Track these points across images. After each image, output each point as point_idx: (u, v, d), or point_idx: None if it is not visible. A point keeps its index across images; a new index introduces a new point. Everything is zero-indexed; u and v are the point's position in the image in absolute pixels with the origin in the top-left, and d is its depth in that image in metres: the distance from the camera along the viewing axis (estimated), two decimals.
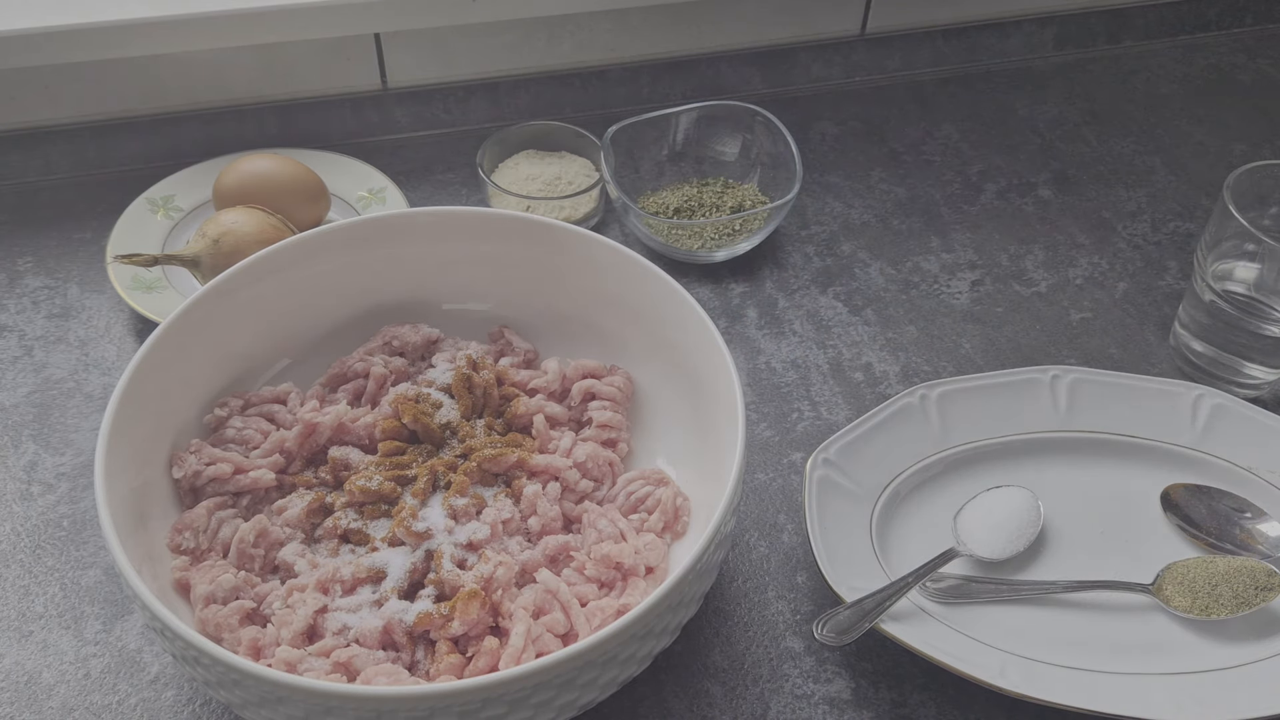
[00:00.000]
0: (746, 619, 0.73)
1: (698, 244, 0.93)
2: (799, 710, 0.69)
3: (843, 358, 0.88)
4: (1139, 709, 0.65)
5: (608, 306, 0.78)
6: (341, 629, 0.64)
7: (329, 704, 0.55)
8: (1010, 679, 0.66)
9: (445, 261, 0.80)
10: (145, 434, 0.68)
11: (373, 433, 0.74)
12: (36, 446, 0.81)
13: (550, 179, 0.96)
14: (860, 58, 1.14)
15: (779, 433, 0.83)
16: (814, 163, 1.05)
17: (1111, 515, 0.77)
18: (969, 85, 1.15)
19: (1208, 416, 0.79)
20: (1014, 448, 0.79)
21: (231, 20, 0.94)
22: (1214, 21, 1.22)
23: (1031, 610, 0.72)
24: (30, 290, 0.91)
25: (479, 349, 0.79)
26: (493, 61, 1.05)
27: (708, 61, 1.10)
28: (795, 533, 0.77)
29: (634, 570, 0.67)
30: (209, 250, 0.84)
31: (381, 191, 0.97)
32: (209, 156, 0.99)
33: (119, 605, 0.72)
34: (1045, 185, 1.04)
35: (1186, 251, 0.98)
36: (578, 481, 0.72)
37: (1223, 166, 1.05)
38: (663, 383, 0.77)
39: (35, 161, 0.99)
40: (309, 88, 1.03)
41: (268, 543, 0.69)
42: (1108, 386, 0.81)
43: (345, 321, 0.80)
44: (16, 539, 0.76)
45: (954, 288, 0.94)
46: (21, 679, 0.69)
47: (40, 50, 0.92)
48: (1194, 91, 1.15)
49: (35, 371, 0.85)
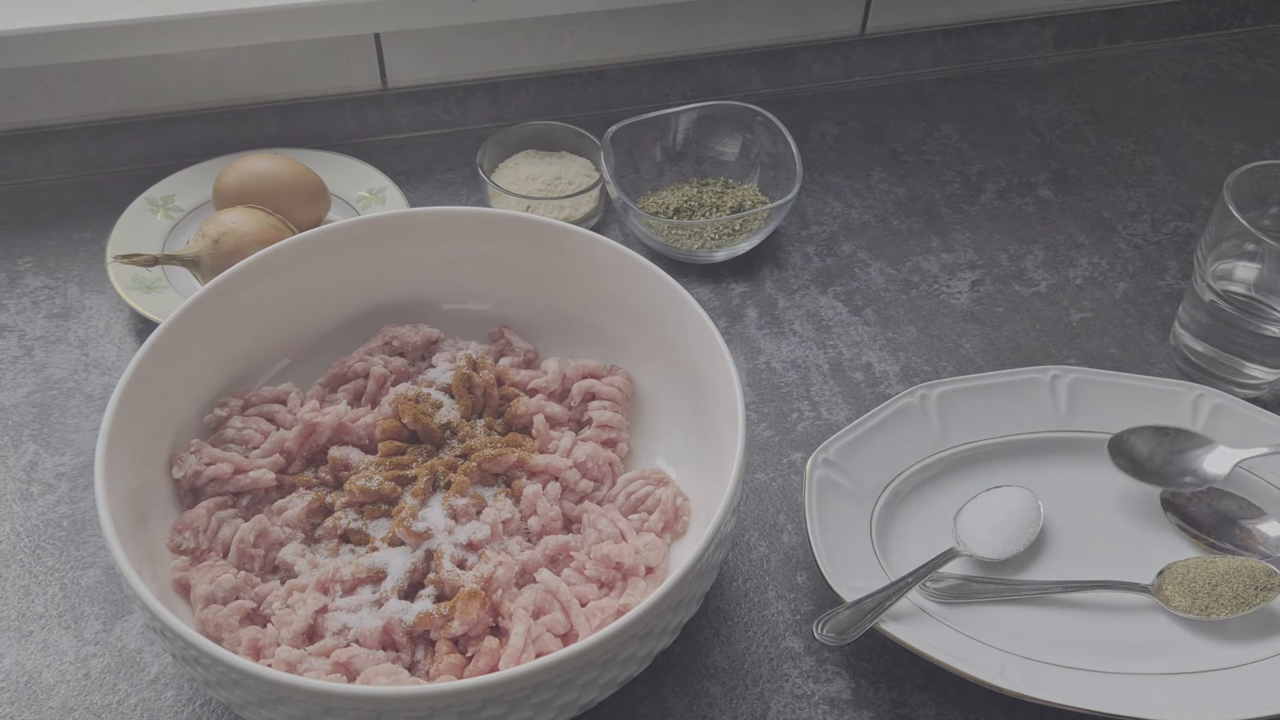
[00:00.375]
0: (746, 619, 0.73)
1: (698, 244, 0.93)
2: (799, 710, 0.69)
3: (843, 358, 0.88)
4: (1139, 709, 0.65)
5: (608, 306, 0.78)
6: (341, 629, 0.64)
7: (329, 704, 0.55)
8: (1010, 679, 0.66)
9: (445, 261, 0.80)
10: (145, 434, 0.68)
11: (373, 433, 0.74)
12: (36, 446, 0.81)
13: (550, 179, 0.96)
14: (860, 58, 1.14)
15: (779, 433, 0.83)
16: (814, 163, 1.05)
17: (1111, 515, 0.77)
18: (969, 85, 1.15)
19: (1208, 416, 0.79)
20: (1014, 448, 0.79)
21: (231, 20, 0.94)
22: (1214, 21, 1.22)
23: (1031, 610, 0.72)
24: (30, 290, 0.91)
25: (479, 349, 0.79)
26: (493, 61, 1.05)
27: (708, 61, 1.10)
28: (795, 533, 0.77)
29: (634, 570, 0.67)
30: (209, 250, 0.84)
31: (381, 191, 0.97)
32: (209, 156, 0.99)
33: (119, 605, 0.72)
34: (1045, 185, 1.04)
35: (1186, 251, 0.98)
36: (578, 481, 0.72)
37: (1223, 166, 1.05)
38: (663, 383, 0.77)
39: (35, 161, 0.99)
40: (309, 88, 1.03)
41: (268, 543, 0.69)
42: (1108, 386, 0.81)
43: (345, 321, 0.80)
44: (16, 539, 0.76)
45: (954, 288, 0.94)
46: (21, 679, 0.69)
47: (40, 50, 0.92)
48: (1194, 91, 1.15)
49: (35, 371, 0.85)
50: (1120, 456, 0.77)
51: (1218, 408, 0.80)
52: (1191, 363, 0.87)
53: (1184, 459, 0.77)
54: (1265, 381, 0.84)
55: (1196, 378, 0.86)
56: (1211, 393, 0.80)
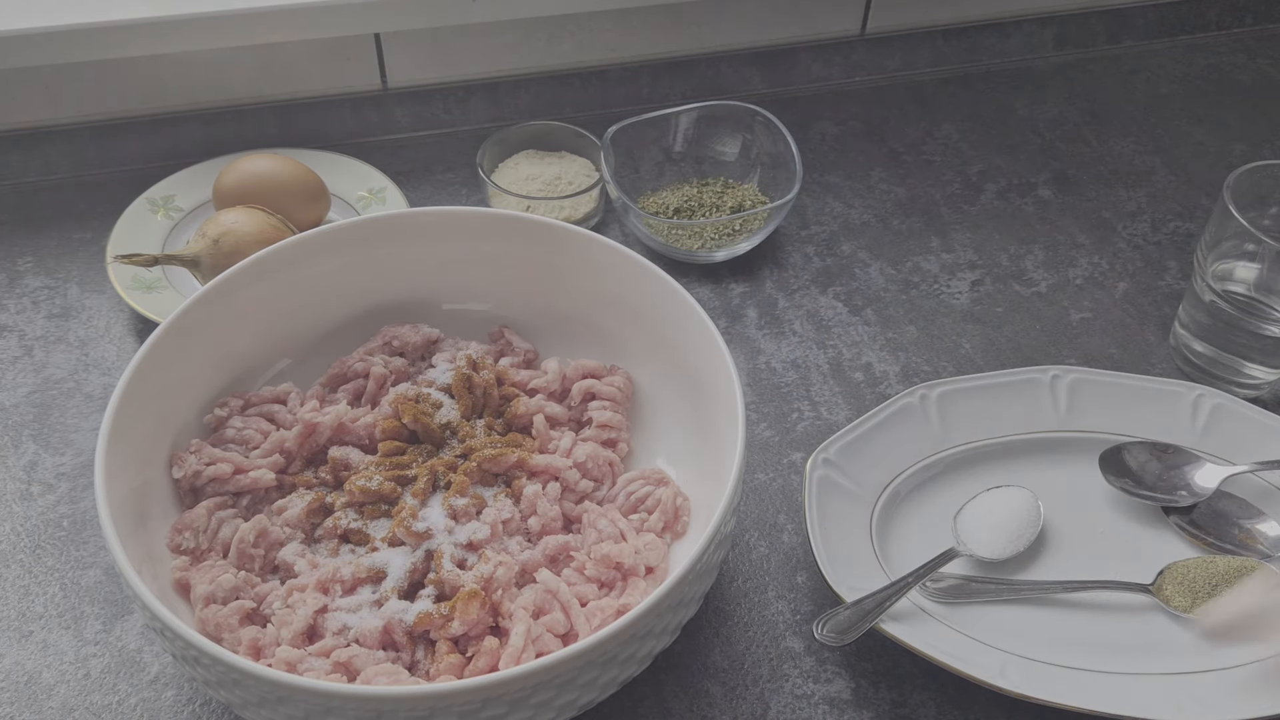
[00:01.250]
0: (746, 619, 0.73)
1: (698, 244, 0.93)
2: (799, 710, 0.69)
3: (843, 358, 0.88)
4: (1139, 709, 0.65)
5: (608, 306, 0.78)
6: (341, 629, 0.64)
7: (329, 704, 0.55)
8: (1010, 679, 0.66)
9: (445, 261, 0.80)
10: (145, 434, 0.68)
11: (373, 433, 0.74)
12: (36, 446, 0.81)
13: (550, 179, 0.96)
14: (860, 58, 1.14)
15: (779, 433, 0.83)
16: (814, 163, 1.05)
17: (1111, 515, 0.77)
18: (969, 85, 1.15)
19: (1208, 416, 0.79)
20: (1014, 448, 0.79)
21: (231, 20, 0.94)
22: (1214, 21, 1.22)
23: (1031, 610, 0.72)
24: (30, 290, 0.91)
25: (479, 349, 0.79)
26: (493, 61, 1.05)
27: (708, 61, 1.10)
28: (795, 533, 0.77)
29: (634, 570, 0.67)
30: (209, 250, 0.84)
31: (381, 191, 0.97)
32: (209, 156, 0.99)
33: (119, 605, 0.72)
34: (1045, 185, 1.04)
35: (1186, 251, 0.98)
36: (578, 481, 0.72)
37: (1223, 166, 1.05)
38: (663, 383, 0.77)
39: (35, 161, 0.99)
40: (309, 88, 1.03)
41: (268, 543, 0.69)
42: (1108, 386, 0.81)
43: (345, 321, 0.80)
44: (16, 539, 0.76)
45: (954, 288, 0.94)
46: (21, 679, 0.69)
47: (40, 50, 0.92)
48: (1194, 91, 1.15)
49: (35, 371, 0.85)
50: (1113, 473, 0.77)
51: (1218, 408, 0.80)
52: (1191, 363, 0.87)
53: (1176, 475, 0.77)
54: (1265, 381, 0.84)
55: (1196, 378, 0.86)
56: (1211, 393, 0.80)
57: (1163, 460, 0.77)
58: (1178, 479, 0.77)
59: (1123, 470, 0.77)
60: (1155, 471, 0.77)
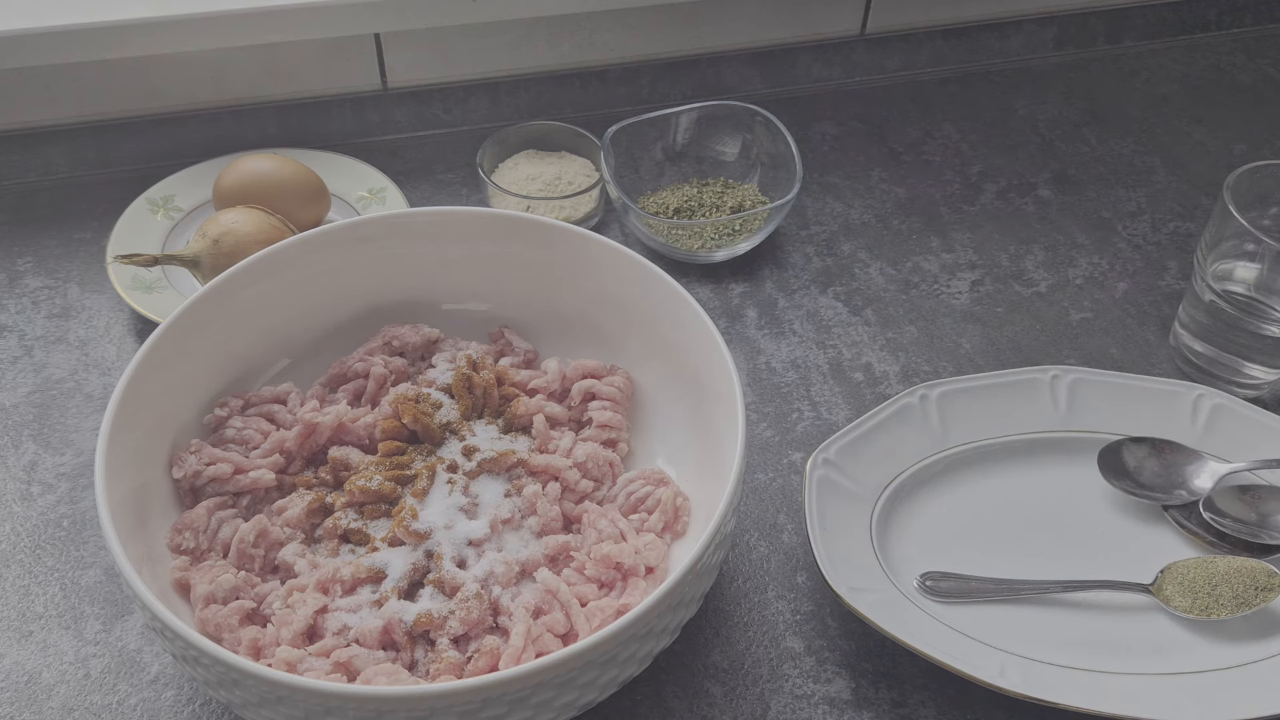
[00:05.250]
0: (746, 619, 0.73)
1: (698, 244, 0.93)
2: (799, 710, 0.69)
3: (843, 358, 0.88)
4: (1139, 709, 0.65)
5: (608, 306, 0.78)
6: (341, 629, 0.64)
7: (329, 704, 0.55)
8: (1010, 679, 0.66)
9: (445, 261, 0.80)
10: (145, 434, 0.68)
11: (373, 433, 0.74)
12: (36, 446, 0.81)
13: (550, 179, 0.96)
14: (860, 58, 1.14)
15: (779, 433, 0.83)
16: (814, 163, 1.05)
17: (1111, 515, 0.77)
18: (969, 85, 1.15)
19: (1208, 416, 0.79)
20: (1014, 448, 0.79)
21: (231, 20, 0.94)
22: (1214, 21, 1.22)
23: (1031, 610, 0.72)
24: (30, 290, 0.91)
25: (479, 349, 0.79)
26: (493, 61, 1.05)
27: (708, 61, 1.10)
28: (795, 533, 0.77)
29: (634, 570, 0.67)
30: (209, 250, 0.84)
31: (381, 191, 0.97)
32: (209, 156, 0.99)
33: (119, 605, 0.72)
34: (1045, 185, 1.04)
35: (1186, 251, 0.98)
36: (578, 481, 0.72)
37: (1223, 166, 1.05)
38: (663, 383, 0.77)
39: (35, 161, 0.99)
40: (309, 88, 1.03)
41: (268, 543, 0.69)
42: (1108, 386, 0.81)
43: (345, 321, 0.80)
44: (16, 539, 0.76)
45: (954, 288, 0.94)
46: (21, 679, 0.69)
47: (40, 50, 0.92)
48: (1194, 91, 1.15)
49: (35, 371, 0.85)
50: (1112, 473, 0.77)
51: (1218, 408, 0.80)
52: (1191, 363, 0.87)
53: (1175, 473, 0.77)
54: (1265, 381, 0.84)
55: (1196, 378, 0.86)
56: (1211, 393, 0.80)
57: (1161, 458, 0.77)
58: (1177, 477, 0.77)
59: (1122, 470, 0.77)
60: (1154, 470, 0.77)
